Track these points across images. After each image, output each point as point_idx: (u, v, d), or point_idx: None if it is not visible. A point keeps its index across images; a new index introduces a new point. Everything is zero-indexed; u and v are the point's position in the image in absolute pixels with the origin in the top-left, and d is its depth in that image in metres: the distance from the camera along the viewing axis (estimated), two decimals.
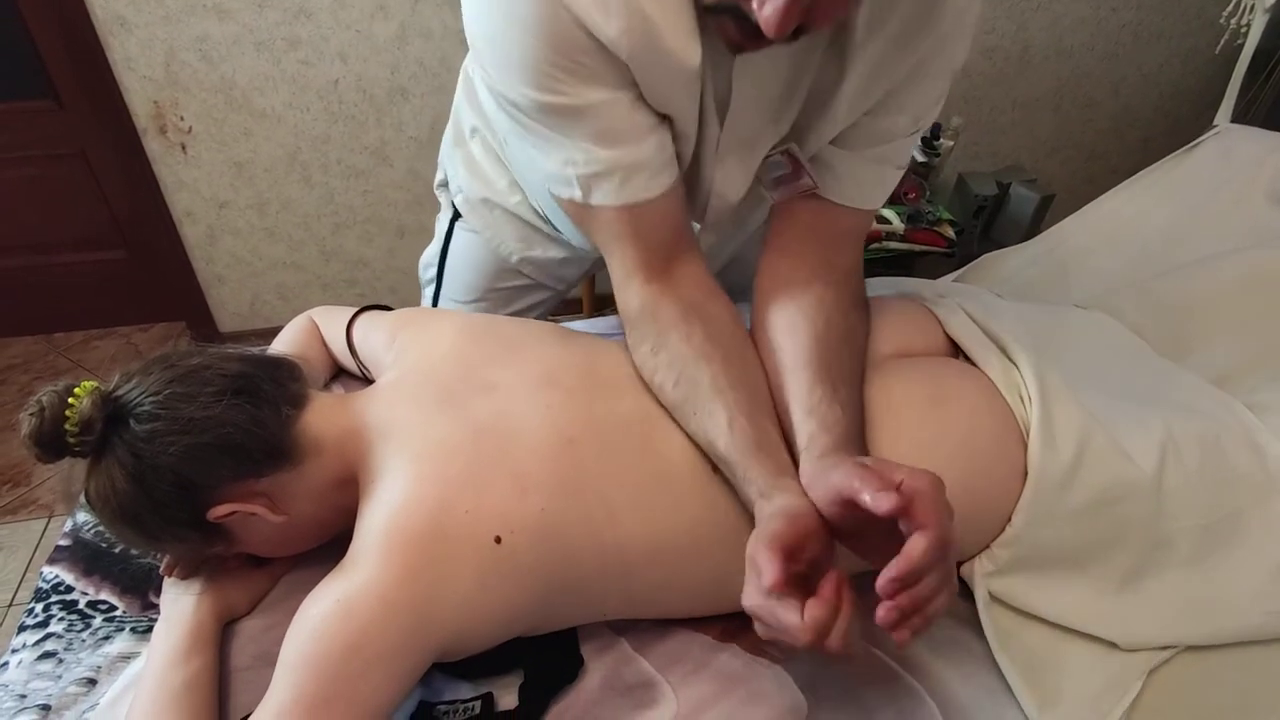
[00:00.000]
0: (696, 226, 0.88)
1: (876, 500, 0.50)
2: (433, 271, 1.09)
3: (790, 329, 0.71)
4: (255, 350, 0.74)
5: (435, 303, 1.11)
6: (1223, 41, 1.68)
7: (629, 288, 0.73)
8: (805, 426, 0.65)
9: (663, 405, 0.70)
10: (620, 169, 0.66)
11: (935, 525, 0.49)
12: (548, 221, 0.95)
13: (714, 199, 0.77)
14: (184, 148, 1.88)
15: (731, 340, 0.71)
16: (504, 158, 0.92)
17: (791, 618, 0.50)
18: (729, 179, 0.76)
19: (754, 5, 0.50)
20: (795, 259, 0.76)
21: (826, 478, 0.57)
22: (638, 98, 0.64)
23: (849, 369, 0.70)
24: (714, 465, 0.67)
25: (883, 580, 0.49)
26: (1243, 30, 1.60)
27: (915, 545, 0.49)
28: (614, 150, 0.65)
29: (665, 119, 0.67)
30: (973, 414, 0.73)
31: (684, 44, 0.60)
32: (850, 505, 0.54)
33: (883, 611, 0.50)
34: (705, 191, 0.77)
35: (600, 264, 1.03)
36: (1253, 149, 1.20)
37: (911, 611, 0.50)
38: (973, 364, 0.78)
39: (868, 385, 0.72)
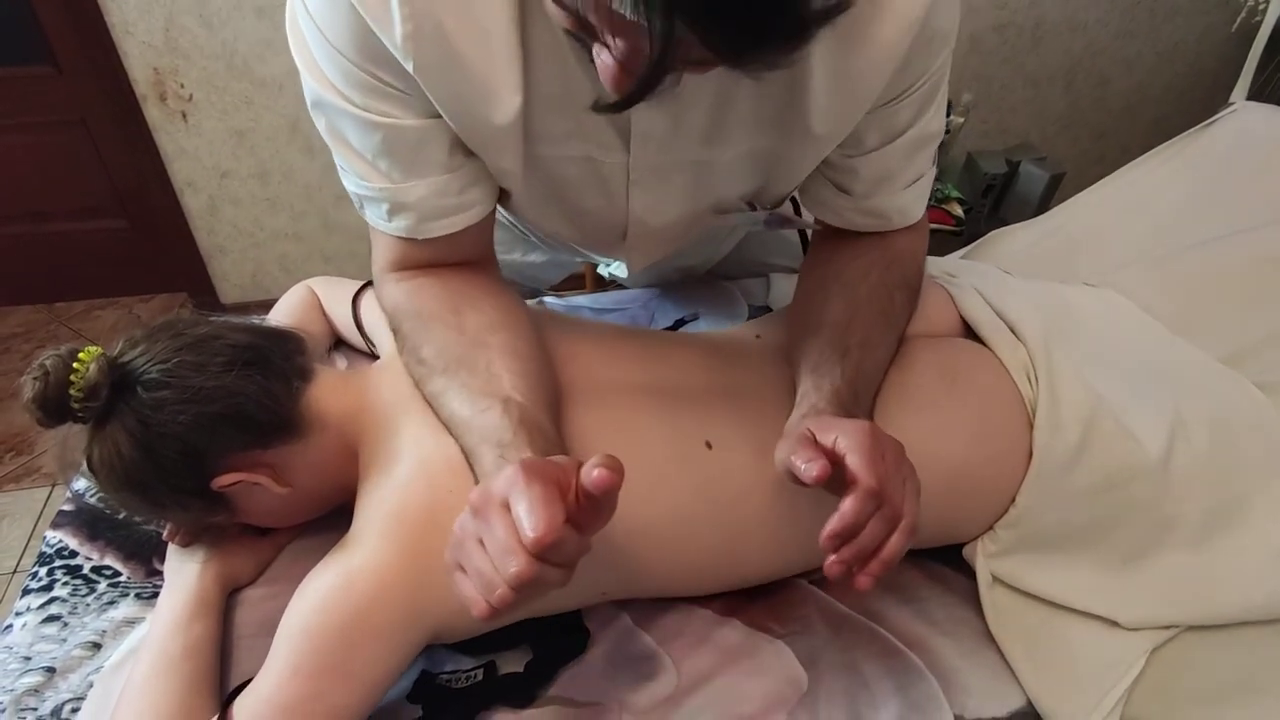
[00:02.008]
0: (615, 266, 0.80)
1: (806, 470, 0.51)
2: None
3: (823, 290, 0.71)
4: (260, 321, 0.73)
5: None
6: (1240, 18, 1.66)
7: (384, 284, 0.69)
8: (802, 385, 0.65)
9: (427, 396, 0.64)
10: (386, 201, 0.62)
11: (865, 478, 0.51)
12: (520, 227, 0.93)
13: (633, 225, 0.73)
14: (184, 116, 1.85)
15: (516, 329, 0.66)
16: None
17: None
18: (652, 206, 0.70)
19: (594, 51, 0.43)
20: (852, 233, 0.74)
21: (780, 446, 0.58)
22: (431, 130, 0.59)
23: (873, 338, 0.68)
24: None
25: (822, 538, 0.51)
26: (1261, 7, 1.57)
27: (845, 502, 0.51)
28: (384, 181, 0.61)
29: (471, 159, 0.62)
30: (984, 398, 0.73)
31: (494, 68, 0.54)
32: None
33: (827, 565, 0.52)
34: (622, 216, 0.72)
35: (590, 260, 1.01)
36: (1270, 127, 1.18)
37: (859, 561, 0.52)
38: (984, 344, 0.78)
39: None
